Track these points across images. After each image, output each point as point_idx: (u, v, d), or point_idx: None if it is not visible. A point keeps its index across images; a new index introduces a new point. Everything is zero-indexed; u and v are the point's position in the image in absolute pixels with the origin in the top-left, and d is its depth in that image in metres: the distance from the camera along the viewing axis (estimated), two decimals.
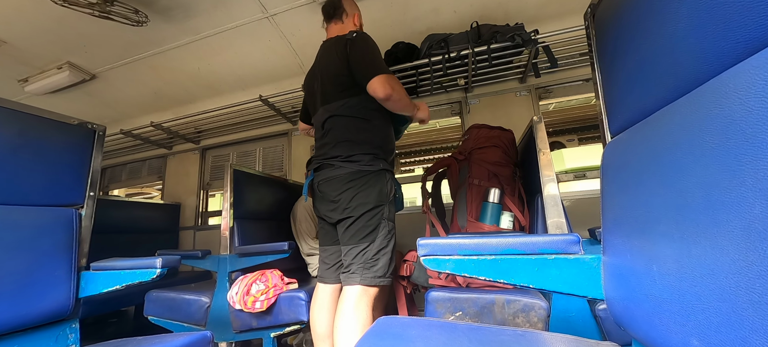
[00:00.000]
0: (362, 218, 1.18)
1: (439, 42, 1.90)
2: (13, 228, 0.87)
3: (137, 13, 1.75)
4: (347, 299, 1.13)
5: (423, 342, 0.57)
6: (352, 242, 1.18)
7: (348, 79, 1.25)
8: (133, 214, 2.52)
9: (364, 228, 1.17)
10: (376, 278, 1.14)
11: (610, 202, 0.56)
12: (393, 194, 1.25)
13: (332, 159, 1.24)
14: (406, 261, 1.52)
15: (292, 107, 2.60)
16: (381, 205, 1.19)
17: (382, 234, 1.18)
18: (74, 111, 2.70)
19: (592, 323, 0.93)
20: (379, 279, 1.15)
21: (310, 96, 1.42)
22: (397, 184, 1.30)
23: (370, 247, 1.16)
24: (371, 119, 1.26)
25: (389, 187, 1.23)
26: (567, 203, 1.96)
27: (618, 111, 0.58)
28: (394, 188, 1.25)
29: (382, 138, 1.28)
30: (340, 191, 1.21)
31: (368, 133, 1.25)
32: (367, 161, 1.21)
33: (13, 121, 0.91)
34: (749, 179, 0.29)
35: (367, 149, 1.22)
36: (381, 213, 1.19)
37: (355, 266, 1.16)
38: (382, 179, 1.22)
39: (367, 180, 1.20)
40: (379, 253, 1.17)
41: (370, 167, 1.21)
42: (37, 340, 0.89)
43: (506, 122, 1.78)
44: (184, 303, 1.55)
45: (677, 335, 0.37)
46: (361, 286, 1.13)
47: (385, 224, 1.19)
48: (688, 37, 0.39)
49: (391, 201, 1.24)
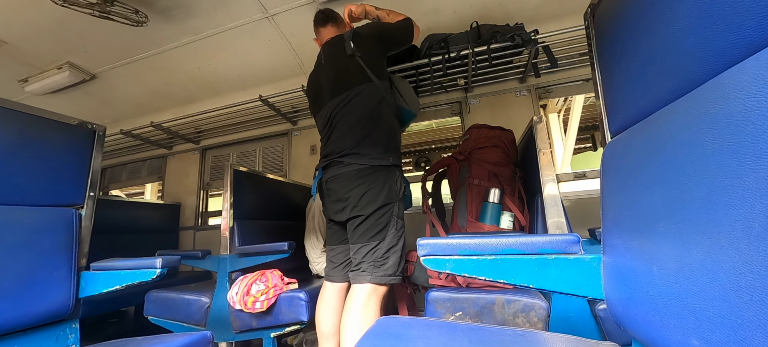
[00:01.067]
0: (372, 216, 1.16)
1: (439, 42, 1.90)
2: (13, 228, 0.87)
3: (137, 13, 1.75)
4: (356, 297, 1.12)
5: (423, 342, 0.57)
6: (362, 240, 1.17)
7: (356, 69, 1.26)
8: (133, 214, 2.52)
9: (374, 226, 1.16)
10: (386, 276, 1.14)
11: (610, 202, 0.56)
12: (402, 191, 1.23)
13: (340, 156, 1.22)
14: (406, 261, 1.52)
15: (292, 107, 2.60)
16: (391, 203, 1.18)
17: (392, 232, 1.17)
18: (74, 111, 2.70)
19: (592, 323, 0.93)
20: (389, 277, 1.14)
21: (317, 93, 1.40)
22: (406, 181, 1.29)
23: (380, 245, 1.15)
24: (379, 109, 1.25)
25: (399, 184, 1.21)
26: (567, 203, 1.96)
27: (618, 111, 0.58)
28: (403, 185, 1.24)
29: (390, 129, 1.27)
30: (349, 189, 1.19)
31: (376, 123, 1.23)
32: (376, 154, 1.19)
33: (13, 121, 0.91)
34: (749, 179, 0.29)
35: (376, 140, 1.21)
36: (391, 211, 1.18)
37: (365, 264, 1.15)
38: (392, 175, 1.20)
39: (377, 177, 1.18)
40: (390, 251, 1.16)
41: (379, 162, 1.19)
42: (37, 340, 0.89)
43: (506, 122, 1.78)
44: (184, 303, 1.55)
45: (677, 335, 0.37)
46: (371, 284, 1.12)
47: (395, 222, 1.18)
48: (688, 37, 0.39)
49: (401, 199, 1.22)
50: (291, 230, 1.96)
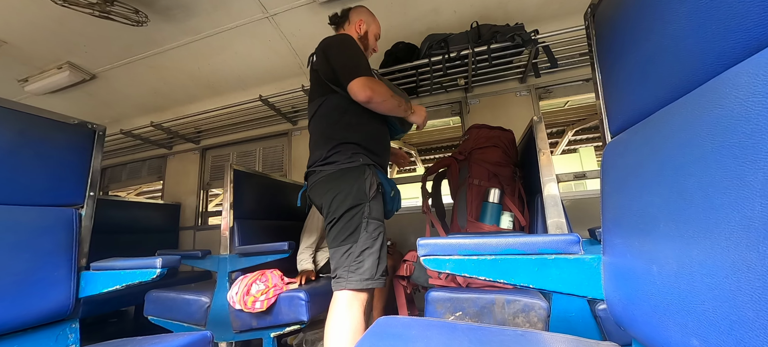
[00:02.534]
0: (343, 218, 1.12)
1: (439, 42, 1.90)
2: (14, 228, 0.87)
3: (137, 13, 1.75)
4: (336, 306, 1.07)
5: (423, 342, 0.57)
6: (336, 243, 1.12)
7: (325, 78, 1.25)
8: (133, 214, 2.52)
9: (345, 228, 1.11)
10: (362, 281, 1.06)
11: (610, 202, 0.56)
12: (375, 190, 1.17)
13: (314, 166, 1.22)
14: (406, 261, 1.52)
15: (292, 106, 2.61)
16: (361, 203, 1.13)
17: (365, 233, 1.10)
18: (74, 111, 2.70)
19: (592, 323, 0.93)
20: (366, 281, 1.06)
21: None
22: (385, 180, 1.24)
23: (353, 248, 1.09)
24: (349, 114, 1.23)
25: (369, 183, 1.15)
26: (567, 203, 1.96)
27: (618, 111, 0.58)
28: (376, 183, 1.18)
29: (364, 134, 1.23)
30: (322, 194, 1.18)
31: (345, 130, 1.21)
32: (344, 159, 1.17)
33: (13, 121, 0.91)
34: (749, 179, 0.29)
35: (344, 148, 1.18)
36: (362, 212, 1.12)
37: (340, 270, 1.10)
38: (360, 174, 1.16)
39: (346, 179, 1.15)
40: (364, 253, 1.09)
41: (349, 164, 1.16)
42: (37, 340, 0.89)
43: (506, 122, 1.78)
44: (184, 303, 1.55)
45: (677, 335, 0.37)
46: (349, 291, 1.06)
47: (366, 223, 1.11)
48: (688, 38, 0.39)
49: (374, 198, 1.16)
50: (291, 230, 1.96)
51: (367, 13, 1.47)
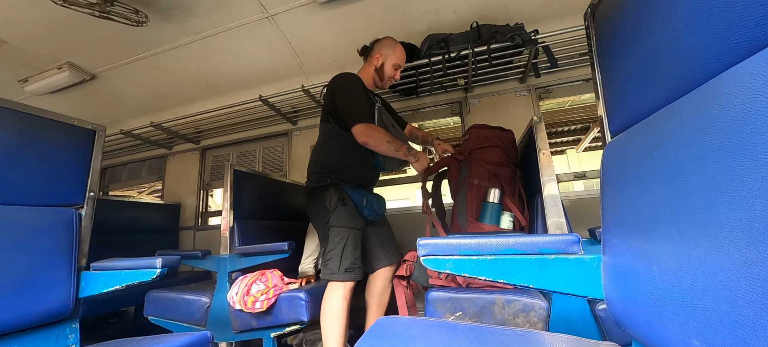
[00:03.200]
0: (318, 226, 1.49)
1: (439, 42, 1.90)
2: (13, 228, 0.87)
3: (137, 13, 1.75)
4: (326, 290, 1.38)
5: (423, 342, 0.57)
6: (321, 246, 1.47)
7: (325, 110, 1.53)
8: (133, 214, 2.52)
9: (320, 234, 1.49)
10: (328, 273, 1.36)
11: (610, 202, 0.56)
12: (336, 203, 1.40)
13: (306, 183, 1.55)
14: (406, 261, 1.52)
15: (292, 107, 2.60)
16: (324, 215, 1.42)
17: (331, 239, 1.38)
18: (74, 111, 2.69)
19: (592, 323, 0.93)
20: (331, 274, 1.35)
21: None
22: (355, 193, 1.45)
23: (324, 250, 1.41)
24: (332, 142, 1.49)
25: (328, 199, 1.41)
26: (567, 203, 1.96)
27: (618, 111, 0.58)
28: (336, 197, 1.41)
29: (339, 161, 1.46)
30: (307, 206, 1.53)
31: (325, 155, 1.49)
32: (315, 180, 1.47)
33: (13, 121, 0.91)
34: (749, 179, 0.29)
35: (318, 169, 1.48)
36: (327, 221, 1.40)
37: (321, 264, 1.43)
38: (324, 192, 1.43)
39: (317, 196, 1.45)
40: (329, 253, 1.37)
41: (318, 183, 1.45)
42: (37, 340, 0.89)
43: (506, 122, 1.78)
44: (184, 303, 1.55)
45: (677, 335, 0.37)
46: (329, 281, 1.37)
47: (329, 230, 1.40)
48: (689, 38, 0.39)
49: (336, 210, 1.40)
50: (291, 230, 1.96)
51: (387, 47, 1.59)
